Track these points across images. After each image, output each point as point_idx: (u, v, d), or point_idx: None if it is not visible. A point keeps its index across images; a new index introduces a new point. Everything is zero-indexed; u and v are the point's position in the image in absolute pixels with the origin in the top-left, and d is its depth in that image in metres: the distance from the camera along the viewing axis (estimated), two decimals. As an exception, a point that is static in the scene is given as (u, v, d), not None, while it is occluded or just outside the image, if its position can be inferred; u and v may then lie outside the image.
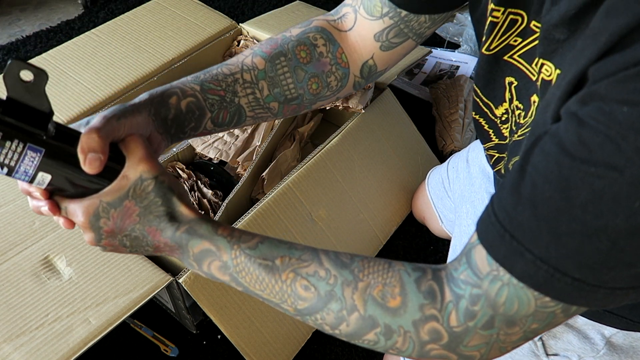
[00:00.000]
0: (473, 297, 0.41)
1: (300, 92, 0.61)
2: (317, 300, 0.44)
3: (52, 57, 1.29)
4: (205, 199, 1.07)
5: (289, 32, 0.62)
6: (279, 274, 0.46)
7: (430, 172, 1.16)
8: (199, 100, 0.55)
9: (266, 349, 0.95)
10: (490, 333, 0.41)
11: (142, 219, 0.46)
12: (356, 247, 1.11)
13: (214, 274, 0.49)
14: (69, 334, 0.76)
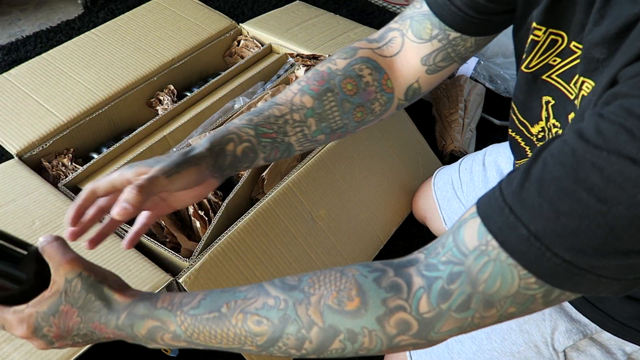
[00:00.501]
0: (452, 274, 0.39)
1: (346, 122, 0.65)
2: (273, 329, 0.43)
3: (52, 57, 1.29)
4: (205, 199, 1.07)
5: (334, 65, 0.64)
6: (228, 320, 0.45)
7: (437, 172, 1.14)
8: (253, 144, 0.59)
9: (266, 349, 0.95)
10: (464, 316, 0.40)
11: (83, 317, 0.47)
12: (357, 247, 1.11)
13: (170, 343, 0.49)
14: (68, 334, 0.77)
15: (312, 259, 1.02)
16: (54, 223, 0.92)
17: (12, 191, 0.97)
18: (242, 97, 1.27)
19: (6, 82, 1.21)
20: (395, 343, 0.42)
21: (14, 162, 1.06)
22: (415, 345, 0.42)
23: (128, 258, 0.87)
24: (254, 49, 1.43)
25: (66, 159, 1.12)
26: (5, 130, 1.10)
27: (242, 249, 0.92)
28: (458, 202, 1.04)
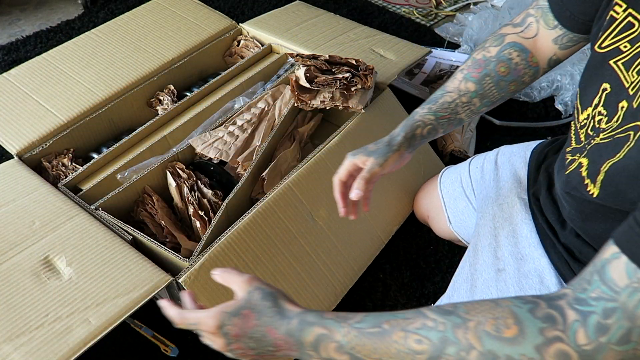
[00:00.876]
0: (607, 310, 0.40)
1: (503, 95, 0.82)
2: (433, 349, 0.45)
3: (52, 57, 1.29)
4: (205, 199, 1.07)
5: (488, 52, 0.80)
6: (389, 336, 0.47)
7: (444, 171, 1.14)
8: (434, 125, 0.81)
9: (266, 349, 0.95)
10: (625, 349, 0.40)
11: (259, 321, 0.54)
12: (358, 247, 1.11)
13: (333, 357, 0.51)
14: (68, 334, 0.76)
15: (313, 259, 1.02)
16: (54, 223, 0.92)
17: (12, 191, 0.97)
18: (242, 97, 1.27)
19: (6, 82, 1.21)
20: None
21: (14, 162, 1.06)
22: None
23: (128, 258, 0.87)
24: (254, 49, 1.43)
25: (66, 159, 1.12)
26: (6, 130, 1.10)
27: (242, 248, 0.92)
28: (465, 201, 1.04)
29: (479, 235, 0.89)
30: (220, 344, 0.56)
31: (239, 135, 1.16)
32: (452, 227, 1.07)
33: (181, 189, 1.07)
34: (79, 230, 0.91)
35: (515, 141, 1.06)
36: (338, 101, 1.13)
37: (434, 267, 1.19)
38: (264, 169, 1.11)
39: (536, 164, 0.89)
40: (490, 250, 0.84)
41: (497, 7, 1.96)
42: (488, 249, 0.84)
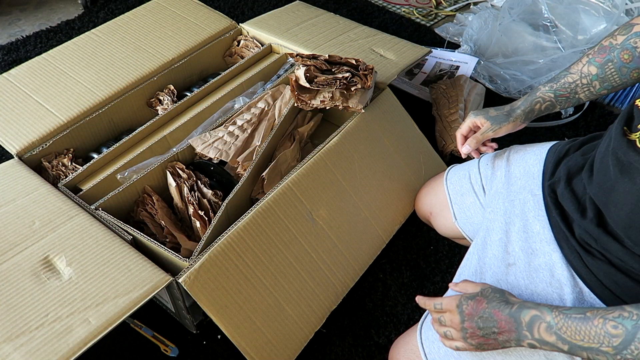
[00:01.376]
0: None
1: (624, 81, 0.84)
2: (626, 334, 0.55)
3: (52, 57, 1.29)
4: (205, 199, 1.07)
5: (614, 40, 0.83)
6: (591, 322, 0.59)
7: (451, 168, 1.14)
8: (553, 102, 0.91)
9: (268, 349, 0.94)
10: None
11: (489, 305, 0.68)
12: (358, 246, 1.11)
13: (543, 337, 0.63)
14: (68, 334, 0.76)
15: (313, 259, 1.02)
16: (54, 223, 0.92)
17: (12, 191, 0.97)
18: (242, 97, 1.27)
19: (6, 82, 1.21)
20: None
21: (14, 162, 1.06)
22: None
23: (128, 258, 0.87)
24: (254, 49, 1.43)
25: (66, 159, 1.12)
26: (6, 130, 1.10)
27: (242, 248, 0.92)
28: (473, 197, 1.04)
29: (489, 230, 0.90)
30: (456, 321, 0.70)
31: (239, 135, 1.16)
32: (457, 223, 1.07)
33: (181, 189, 1.07)
34: (79, 230, 0.91)
35: (515, 141, 1.07)
36: (338, 101, 1.13)
37: (434, 267, 1.19)
38: (264, 169, 1.11)
39: (556, 159, 0.90)
40: (500, 245, 0.85)
41: (497, 7, 1.96)
42: (498, 243, 0.85)
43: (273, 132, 1.16)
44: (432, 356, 0.82)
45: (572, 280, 0.72)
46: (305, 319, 1.00)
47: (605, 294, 0.68)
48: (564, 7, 1.69)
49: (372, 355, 1.04)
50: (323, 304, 1.03)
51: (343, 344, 1.05)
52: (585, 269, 0.71)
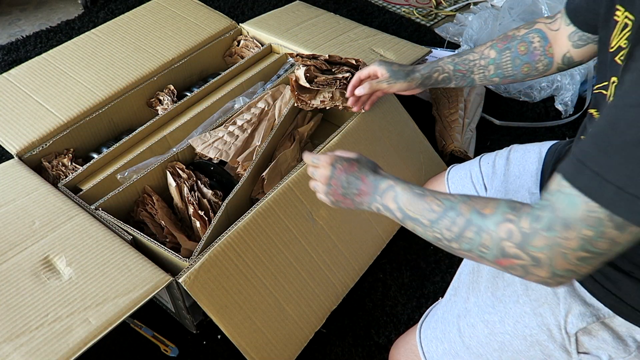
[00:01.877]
0: (542, 206, 0.54)
1: (515, 73, 0.90)
2: (442, 210, 0.63)
3: (52, 57, 1.29)
4: (205, 199, 1.07)
5: (518, 32, 0.90)
6: (425, 198, 0.66)
7: (452, 167, 1.15)
8: (450, 75, 0.96)
9: (268, 349, 0.94)
10: (551, 235, 0.52)
11: (359, 169, 0.76)
12: (359, 246, 1.11)
13: (387, 204, 0.70)
14: (68, 334, 0.76)
15: (313, 259, 1.02)
16: (54, 223, 0.92)
17: (12, 191, 0.97)
18: (242, 97, 1.27)
19: (6, 82, 1.21)
20: (502, 246, 0.56)
21: (14, 162, 1.06)
22: (519, 257, 0.56)
23: (128, 258, 0.87)
24: (254, 49, 1.43)
25: (66, 159, 1.12)
26: (6, 130, 1.10)
27: (242, 248, 0.92)
28: (475, 194, 1.04)
29: None
30: (325, 176, 0.76)
31: (239, 135, 1.16)
32: None
33: (181, 189, 1.07)
34: (79, 230, 0.91)
35: (515, 141, 1.07)
36: (338, 101, 1.13)
37: (434, 267, 1.19)
38: (264, 169, 1.11)
39: (555, 158, 0.91)
40: None
41: (497, 7, 1.96)
42: None
43: (273, 132, 1.15)
44: (430, 355, 0.83)
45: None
46: (305, 319, 1.00)
47: (595, 287, 0.69)
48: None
49: (372, 355, 1.04)
50: (323, 304, 1.03)
51: (343, 344, 1.05)
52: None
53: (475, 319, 0.80)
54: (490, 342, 0.78)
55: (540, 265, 0.54)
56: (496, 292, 0.79)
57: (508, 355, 0.76)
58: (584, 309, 0.69)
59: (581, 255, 0.51)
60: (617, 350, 0.67)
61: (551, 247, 0.52)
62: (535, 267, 0.55)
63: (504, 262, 0.57)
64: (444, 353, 0.83)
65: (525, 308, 0.74)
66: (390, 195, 0.70)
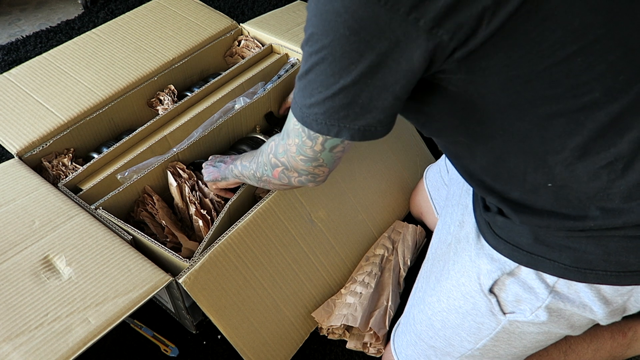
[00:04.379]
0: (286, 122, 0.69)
1: None
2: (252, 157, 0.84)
3: (52, 57, 1.29)
4: (207, 198, 1.07)
5: None
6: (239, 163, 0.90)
7: (429, 167, 1.20)
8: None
9: (264, 350, 0.94)
10: (282, 142, 0.68)
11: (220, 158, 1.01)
12: (355, 248, 1.11)
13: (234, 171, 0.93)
14: (68, 334, 0.76)
15: (311, 261, 1.02)
16: (54, 223, 0.92)
17: (12, 191, 0.97)
18: (243, 97, 1.27)
19: (6, 82, 1.21)
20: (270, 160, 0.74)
21: (14, 161, 1.06)
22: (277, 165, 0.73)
23: (128, 258, 0.87)
24: (255, 49, 1.43)
25: (66, 158, 1.12)
26: (6, 130, 1.10)
27: (241, 249, 0.92)
28: (445, 188, 1.09)
29: (441, 215, 0.94)
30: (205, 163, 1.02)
31: (362, 292, 1.04)
32: (439, 217, 1.11)
33: (182, 189, 1.07)
34: (79, 230, 0.91)
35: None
36: None
37: (433, 268, 1.19)
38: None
39: None
40: (445, 227, 0.88)
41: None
42: (443, 226, 0.89)
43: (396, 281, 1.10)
44: (399, 350, 0.91)
45: (477, 239, 0.76)
46: (301, 320, 1.01)
47: (495, 241, 0.71)
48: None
49: (371, 356, 1.04)
50: (319, 305, 1.03)
51: (343, 344, 1.05)
52: (486, 225, 0.74)
53: (422, 304, 0.84)
54: (433, 323, 0.82)
55: (287, 169, 0.70)
56: (438, 275, 0.83)
57: (450, 332, 0.80)
58: (491, 266, 0.72)
59: (302, 157, 0.66)
60: (531, 300, 0.69)
61: (285, 152, 0.68)
62: (288, 171, 0.71)
63: (275, 174, 0.74)
64: (407, 344, 0.89)
65: (452, 281, 0.78)
66: (239, 159, 0.91)
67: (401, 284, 1.09)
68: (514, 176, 0.64)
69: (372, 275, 1.06)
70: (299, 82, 0.60)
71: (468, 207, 0.83)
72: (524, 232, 0.67)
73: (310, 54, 0.55)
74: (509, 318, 0.72)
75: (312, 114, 0.59)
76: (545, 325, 0.71)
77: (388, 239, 1.15)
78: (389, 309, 1.02)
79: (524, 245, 0.68)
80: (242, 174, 0.88)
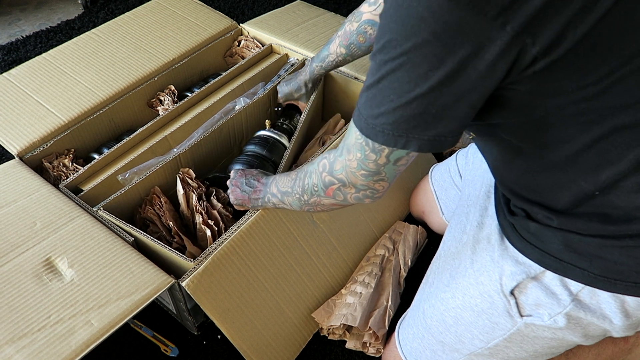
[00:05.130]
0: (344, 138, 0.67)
1: (366, 52, 1.06)
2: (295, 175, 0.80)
3: (52, 57, 1.29)
4: (215, 210, 1.05)
5: (351, 26, 1.04)
6: (290, 175, 0.83)
7: (434, 167, 1.20)
8: (323, 74, 1.20)
9: (268, 352, 0.95)
10: (342, 159, 0.66)
11: (257, 174, 0.95)
12: (357, 249, 1.11)
13: (273, 191, 0.87)
14: (71, 336, 0.76)
15: (314, 262, 1.02)
16: (55, 224, 0.92)
17: (13, 192, 0.97)
18: (243, 97, 1.27)
19: (6, 82, 1.21)
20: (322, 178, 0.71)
21: (15, 162, 1.06)
22: (333, 183, 0.70)
23: (130, 259, 0.87)
24: (255, 49, 1.43)
25: (67, 159, 1.11)
26: (6, 131, 1.10)
27: (244, 252, 0.92)
28: (455, 189, 1.09)
29: (455, 215, 0.94)
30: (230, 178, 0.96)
31: (362, 292, 1.05)
32: (444, 218, 1.13)
33: (188, 197, 1.06)
34: (81, 231, 0.91)
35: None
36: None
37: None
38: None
39: None
40: (459, 226, 0.88)
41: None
42: (458, 225, 0.89)
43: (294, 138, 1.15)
44: (404, 342, 0.92)
45: (501, 241, 0.77)
46: (304, 321, 1.01)
47: (522, 245, 0.72)
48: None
49: (370, 357, 1.04)
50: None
51: (343, 344, 1.05)
52: (511, 227, 0.74)
53: (434, 299, 0.84)
54: (445, 319, 0.82)
55: (345, 185, 0.68)
56: (452, 272, 0.83)
57: (462, 329, 0.80)
58: (515, 268, 0.72)
59: (362, 172, 0.64)
60: (552, 305, 0.69)
61: (344, 168, 0.66)
62: (345, 187, 0.69)
63: (330, 192, 0.71)
64: (413, 338, 0.89)
65: (470, 279, 0.78)
66: (273, 184, 0.87)
67: (401, 284, 1.09)
68: (562, 184, 0.63)
69: (373, 275, 1.06)
70: (366, 93, 0.57)
71: (488, 210, 0.84)
72: (554, 238, 0.67)
73: (385, 62, 0.53)
74: (526, 320, 0.72)
75: (378, 125, 0.57)
76: (561, 332, 0.71)
77: (389, 239, 1.15)
78: (388, 308, 1.02)
79: (553, 252, 0.68)
80: (282, 201, 0.84)
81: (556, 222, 0.66)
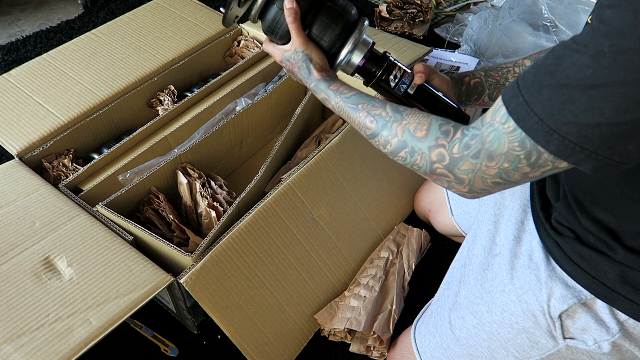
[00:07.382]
0: (473, 135, 0.59)
1: None
2: (376, 128, 0.71)
3: (52, 57, 1.29)
4: (219, 195, 1.07)
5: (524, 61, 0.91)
6: (359, 112, 0.74)
7: None
8: (482, 81, 0.90)
9: (268, 349, 0.94)
10: (476, 162, 0.59)
11: (297, 71, 0.81)
12: (358, 247, 1.11)
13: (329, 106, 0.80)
14: (69, 335, 0.76)
15: (314, 259, 1.02)
16: (54, 224, 0.92)
17: (13, 192, 0.97)
18: (244, 98, 1.27)
19: (6, 83, 1.21)
20: (433, 168, 0.64)
21: (15, 162, 1.06)
22: (444, 175, 0.63)
23: (129, 258, 0.87)
24: (255, 50, 1.43)
25: (67, 159, 1.12)
26: (6, 131, 1.10)
27: (243, 249, 0.92)
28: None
29: (479, 222, 0.91)
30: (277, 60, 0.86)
31: (366, 295, 1.04)
32: (454, 219, 1.09)
33: (192, 186, 1.07)
34: (80, 230, 0.91)
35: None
36: (406, 28, 1.76)
37: (433, 268, 1.19)
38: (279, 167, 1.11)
39: None
40: (488, 235, 0.86)
41: (497, 7, 1.96)
42: (487, 234, 0.86)
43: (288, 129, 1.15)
44: (423, 349, 0.88)
45: (547, 260, 0.75)
46: (305, 319, 1.01)
47: (572, 269, 0.70)
48: (564, 7, 1.69)
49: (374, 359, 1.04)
50: (323, 304, 1.03)
51: (343, 344, 1.05)
52: (557, 248, 0.73)
53: (465, 310, 0.82)
54: (479, 333, 0.79)
55: (461, 183, 0.63)
56: (485, 284, 0.80)
57: (496, 344, 0.78)
58: (565, 292, 0.70)
59: (497, 181, 0.60)
60: (600, 332, 0.68)
61: (474, 171, 0.60)
62: (457, 184, 0.64)
63: (431, 177, 0.67)
64: (436, 347, 0.86)
65: (511, 296, 0.76)
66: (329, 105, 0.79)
67: (405, 287, 1.09)
68: None
69: (377, 278, 1.06)
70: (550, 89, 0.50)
71: (524, 225, 0.81)
72: (612, 269, 0.66)
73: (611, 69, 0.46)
74: (568, 343, 0.71)
75: (563, 132, 0.49)
76: (601, 357, 0.70)
77: (392, 242, 1.15)
78: (393, 312, 1.02)
79: (607, 281, 0.66)
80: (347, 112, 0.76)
81: (621, 255, 0.65)
